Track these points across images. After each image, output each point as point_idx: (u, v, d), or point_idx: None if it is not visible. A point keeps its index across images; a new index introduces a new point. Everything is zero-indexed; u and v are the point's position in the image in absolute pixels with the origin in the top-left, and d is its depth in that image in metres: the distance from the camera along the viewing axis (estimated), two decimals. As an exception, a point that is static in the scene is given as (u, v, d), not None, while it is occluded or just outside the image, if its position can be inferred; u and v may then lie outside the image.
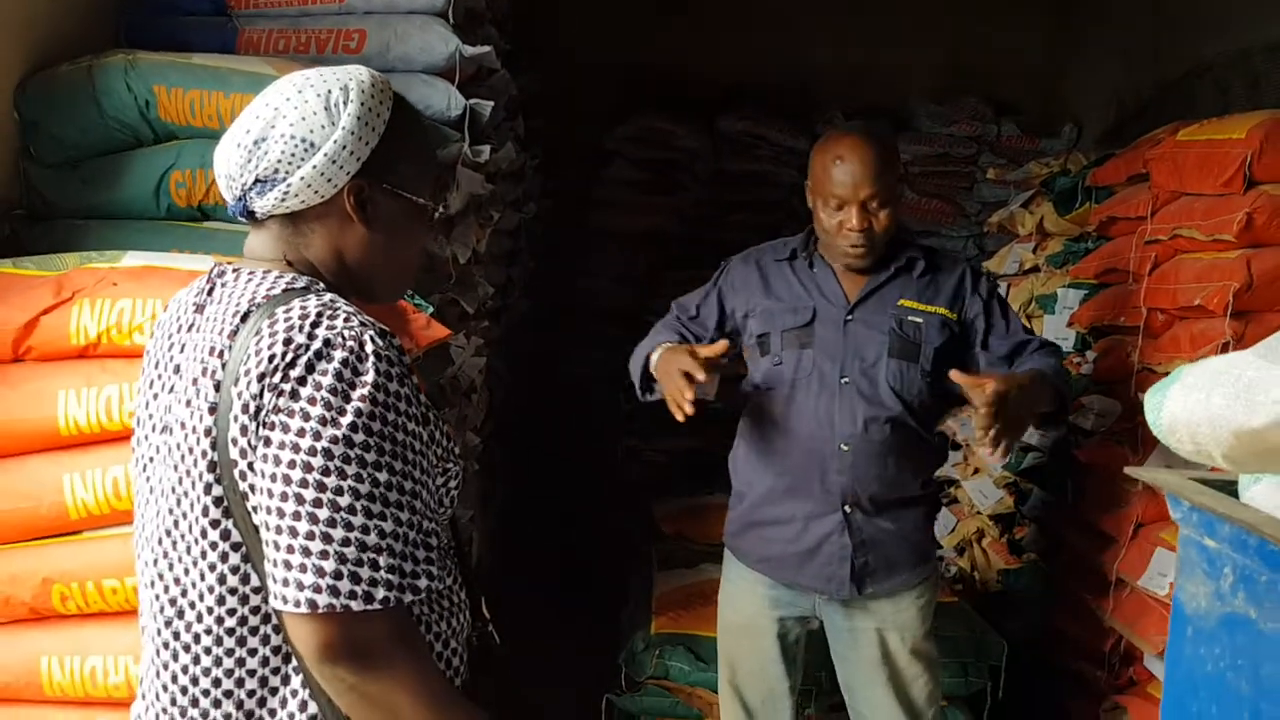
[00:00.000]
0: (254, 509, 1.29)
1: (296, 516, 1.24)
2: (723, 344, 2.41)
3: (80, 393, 2.09)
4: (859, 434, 2.49)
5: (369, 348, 1.30)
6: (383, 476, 1.27)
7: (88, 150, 2.63)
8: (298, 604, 1.23)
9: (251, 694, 1.35)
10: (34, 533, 2.14)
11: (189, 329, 1.43)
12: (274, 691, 1.35)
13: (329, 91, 1.40)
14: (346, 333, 1.30)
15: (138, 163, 2.59)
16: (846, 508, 2.52)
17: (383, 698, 1.28)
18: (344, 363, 1.27)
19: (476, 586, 1.58)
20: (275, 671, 1.35)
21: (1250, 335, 2.80)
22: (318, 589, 1.22)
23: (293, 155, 1.38)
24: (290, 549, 1.24)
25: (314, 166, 1.38)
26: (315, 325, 1.29)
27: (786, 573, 2.61)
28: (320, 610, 1.22)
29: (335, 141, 1.38)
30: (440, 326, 2.35)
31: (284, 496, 1.24)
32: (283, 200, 1.40)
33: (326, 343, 1.28)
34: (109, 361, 2.13)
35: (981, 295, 2.63)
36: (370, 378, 1.28)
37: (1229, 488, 1.07)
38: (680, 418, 2.30)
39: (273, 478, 1.25)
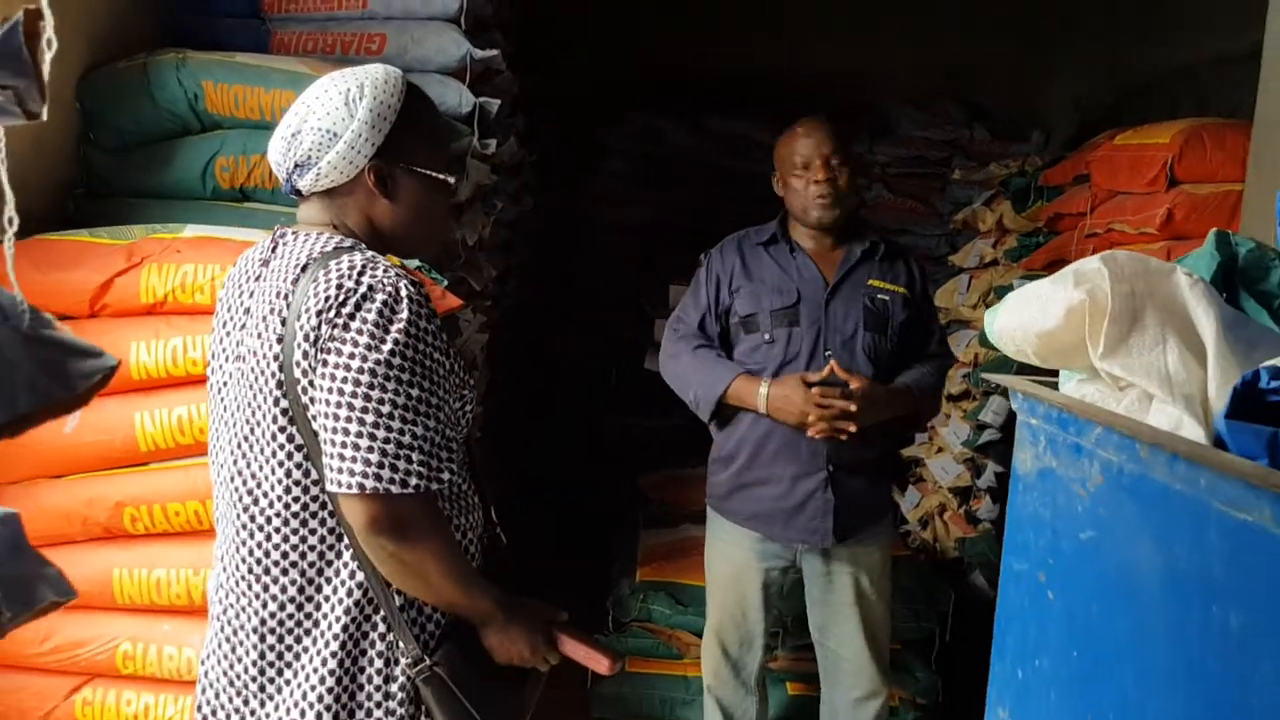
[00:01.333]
0: (314, 416, 1.61)
1: (349, 420, 1.55)
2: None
3: (150, 344, 2.42)
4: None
5: (403, 292, 1.61)
6: (415, 391, 1.59)
7: (142, 137, 2.89)
8: (349, 487, 1.55)
9: (312, 564, 1.69)
10: (109, 463, 2.46)
11: (256, 279, 1.75)
12: (329, 564, 1.69)
13: (348, 89, 1.70)
14: (385, 281, 1.61)
15: (186, 149, 2.84)
16: (830, 467, 2.78)
17: (416, 565, 1.61)
18: (384, 303, 1.59)
19: (487, 494, 1.93)
20: (330, 548, 1.69)
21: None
22: (365, 475, 1.54)
23: (320, 144, 1.69)
24: (344, 445, 1.55)
25: (337, 152, 1.69)
26: (361, 274, 1.60)
27: (775, 527, 2.86)
28: (367, 491, 1.54)
29: (353, 131, 1.68)
30: (453, 297, 2.63)
31: (339, 405, 1.56)
32: (317, 180, 1.72)
33: (370, 288, 1.59)
34: (174, 318, 2.46)
35: (923, 288, 2.98)
36: (405, 315, 1.60)
37: (1053, 387, 1.45)
38: (840, 436, 2.65)
39: (329, 390, 1.57)
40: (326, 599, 1.69)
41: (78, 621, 2.49)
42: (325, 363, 1.58)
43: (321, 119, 1.69)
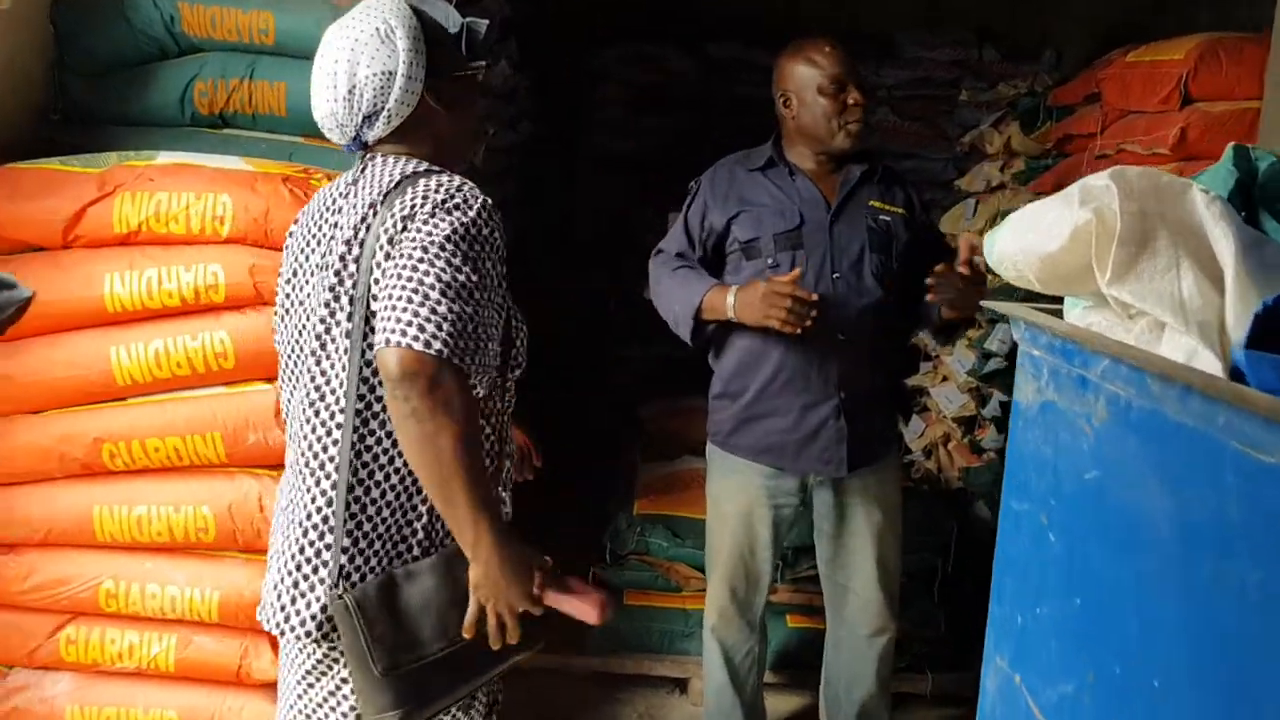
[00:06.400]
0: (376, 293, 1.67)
1: (400, 289, 1.61)
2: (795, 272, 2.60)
3: (124, 275, 2.35)
4: (854, 323, 2.68)
5: (477, 203, 1.71)
6: (461, 276, 1.64)
7: (117, 61, 2.80)
8: (384, 343, 1.59)
9: (365, 465, 1.75)
10: (86, 398, 2.41)
11: (343, 196, 1.81)
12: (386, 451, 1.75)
13: (377, 28, 1.74)
14: (470, 194, 1.72)
15: (163, 73, 2.76)
16: (842, 394, 2.70)
17: (431, 430, 1.58)
18: (456, 205, 1.69)
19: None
20: (389, 434, 1.74)
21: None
22: (395, 331, 1.58)
23: (382, 88, 1.74)
24: (390, 308, 1.60)
25: (400, 89, 1.75)
26: (450, 191, 1.71)
27: (785, 459, 2.77)
28: (392, 344, 1.58)
29: (404, 62, 1.74)
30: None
31: (395, 277, 1.63)
32: (388, 123, 1.78)
33: (450, 195, 1.70)
34: (148, 248, 2.39)
35: (923, 209, 2.90)
36: (473, 214, 1.69)
37: (1058, 315, 1.36)
38: (798, 331, 2.53)
39: (392, 267, 1.65)
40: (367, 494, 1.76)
41: (59, 559, 2.46)
42: (397, 247, 1.67)
43: (371, 64, 1.73)
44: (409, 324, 1.58)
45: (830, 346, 2.68)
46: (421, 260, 1.63)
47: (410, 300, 1.60)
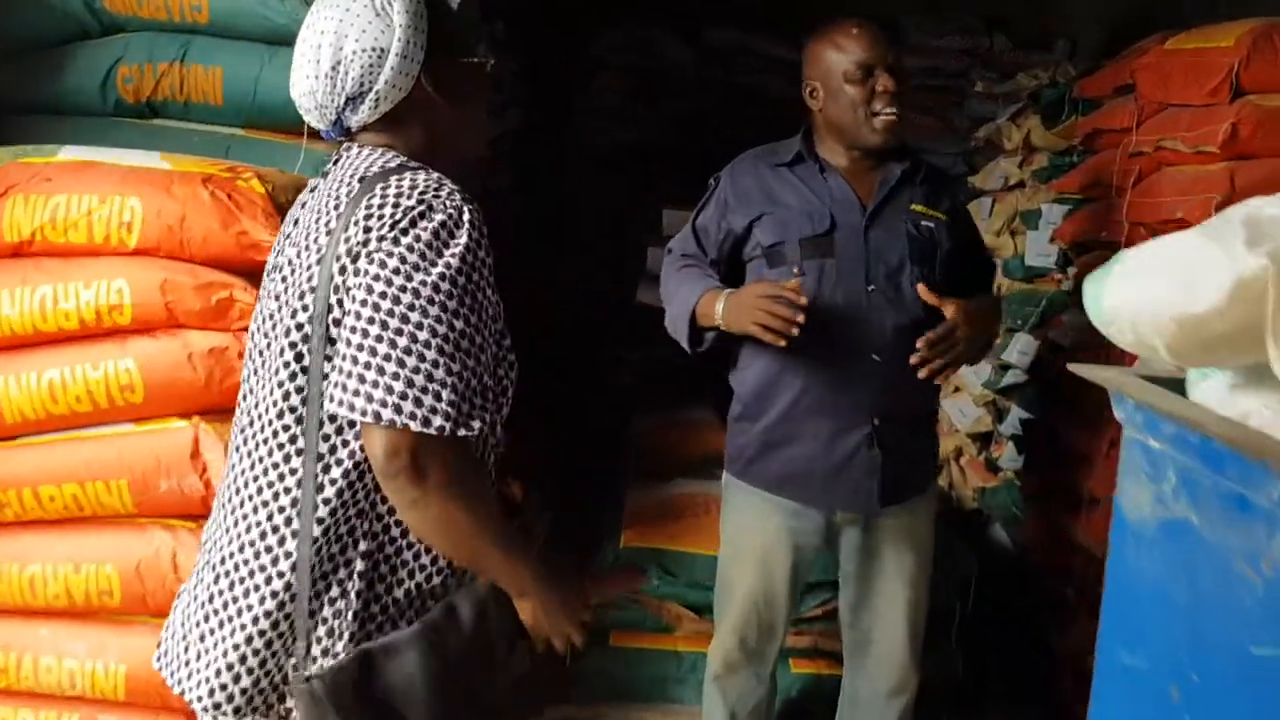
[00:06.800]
0: (338, 335, 1.45)
1: (379, 339, 1.40)
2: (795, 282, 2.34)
3: (14, 292, 2.05)
4: (890, 343, 2.42)
5: (466, 217, 1.48)
6: (458, 324, 1.43)
7: (32, 42, 2.55)
8: (364, 414, 1.39)
9: (281, 510, 1.53)
10: (-32, 437, 2.10)
11: (301, 206, 1.65)
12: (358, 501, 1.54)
13: (371, 0, 1.54)
14: (449, 202, 1.47)
15: (83, 55, 2.50)
16: (876, 420, 2.46)
17: (441, 516, 1.44)
18: (442, 224, 1.45)
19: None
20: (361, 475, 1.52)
21: (1232, 250, 2.74)
22: (384, 404, 1.38)
23: (371, 65, 1.53)
24: (368, 365, 1.40)
25: (391, 68, 1.54)
26: (424, 193, 1.47)
27: (811, 492, 2.53)
28: (383, 423, 1.38)
29: (399, 40, 1.53)
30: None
31: (370, 320, 1.41)
32: (376, 107, 1.56)
33: (430, 206, 1.46)
34: (43, 260, 2.09)
35: (965, 213, 2.65)
36: (464, 240, 1.46)
37: (1178, 387, 1.01)
38: (783, 342, 2.26)
39: (363, 303, 1.42)
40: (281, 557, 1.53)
41: (-64, 626, 2.15)
42: (365, 271, 1.44)
43: (361, 39, 1.54)
44: (403, 395, 1.39)
45: (863, 367, 2.43)
46: (412, 308, 1.41)
47: (403, 364, 1.40)
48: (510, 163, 4.95)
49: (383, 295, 1.41)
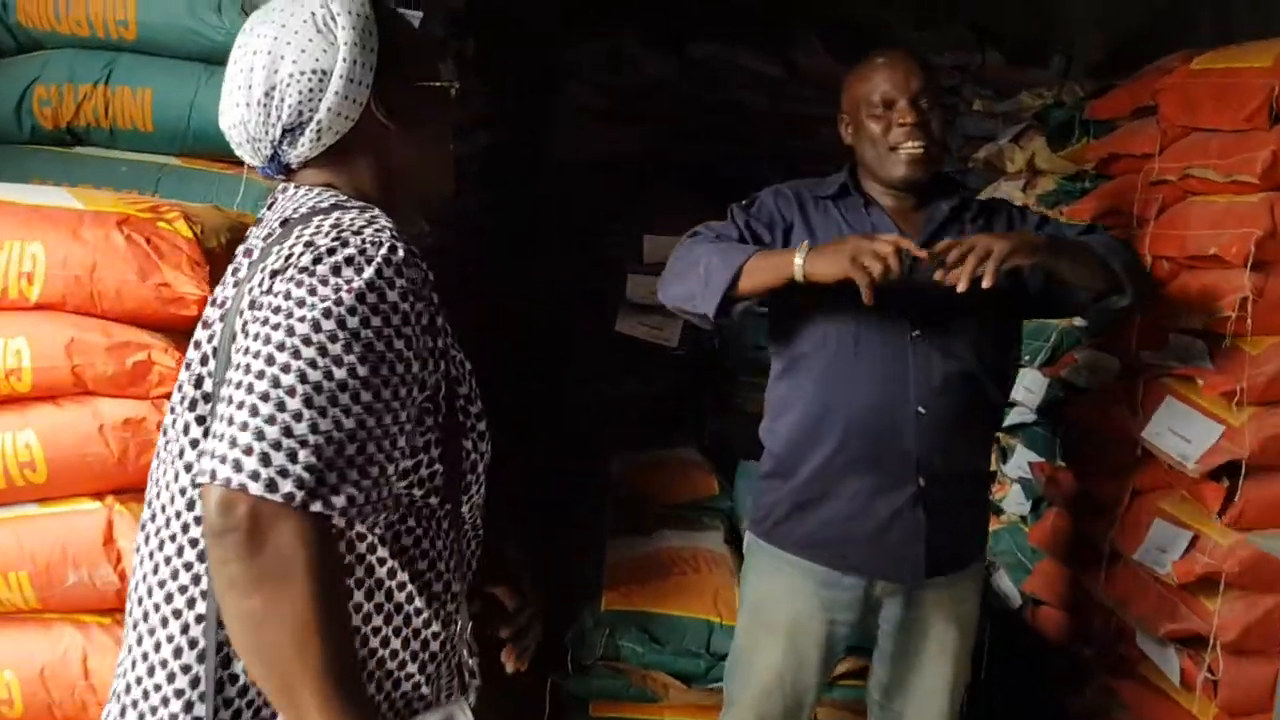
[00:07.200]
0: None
1: (239, 387, 1.16)
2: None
3: (-107, 353, 1.78)
4: (937, 395, 2.29)
5: (383, 253, 1.23)
6: (339, 374, 1.17)
7: None
8: (203, 473, 1.13)
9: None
10: None
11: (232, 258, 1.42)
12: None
13: (312, 14, 1.35)
14: (368, 238, 1.24)
15: None
16: (922, 479, 2.31)
17: (257, 617, 1.12)
18: (348, 259, 1.22)
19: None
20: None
21: (1271, 290, 2.56)
22: (224, 460, 1.12)
23: (310, 91, 1.34)
24: (228, 420, 1.15)
25: (335, 93, 1.34)
26: (342, 231, 1.25)
27: (848, 558, 2.37)
28: (217, 481, 1.11)
29: (344, 60, 1.34)
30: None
31: (243, 369, 1.17)
32: (317, 139, 1.37)
33: (342, 242, 1.23)
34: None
35: (1032, 225, 2.51)
36: (368, 276, 1.21)
37: None
38: (870, 293, 2.05)
39: (244, 351, 1.19)
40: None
41: None
42: (254, 319, 1.22)
43: (299, 60, 1.33)
44: (247, 450, 1.11)
45: (905, 421, 2.30)
46: (282, 348, 1.16)
47: (255, 411, 1.13)
48: (480, 181, 4.79)
49: (255, 336, 1.19)
